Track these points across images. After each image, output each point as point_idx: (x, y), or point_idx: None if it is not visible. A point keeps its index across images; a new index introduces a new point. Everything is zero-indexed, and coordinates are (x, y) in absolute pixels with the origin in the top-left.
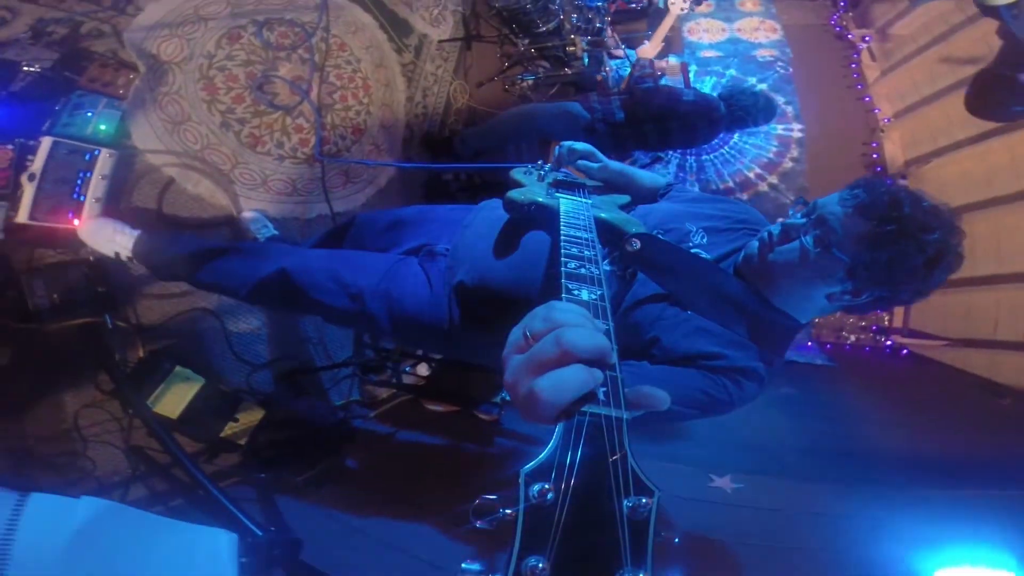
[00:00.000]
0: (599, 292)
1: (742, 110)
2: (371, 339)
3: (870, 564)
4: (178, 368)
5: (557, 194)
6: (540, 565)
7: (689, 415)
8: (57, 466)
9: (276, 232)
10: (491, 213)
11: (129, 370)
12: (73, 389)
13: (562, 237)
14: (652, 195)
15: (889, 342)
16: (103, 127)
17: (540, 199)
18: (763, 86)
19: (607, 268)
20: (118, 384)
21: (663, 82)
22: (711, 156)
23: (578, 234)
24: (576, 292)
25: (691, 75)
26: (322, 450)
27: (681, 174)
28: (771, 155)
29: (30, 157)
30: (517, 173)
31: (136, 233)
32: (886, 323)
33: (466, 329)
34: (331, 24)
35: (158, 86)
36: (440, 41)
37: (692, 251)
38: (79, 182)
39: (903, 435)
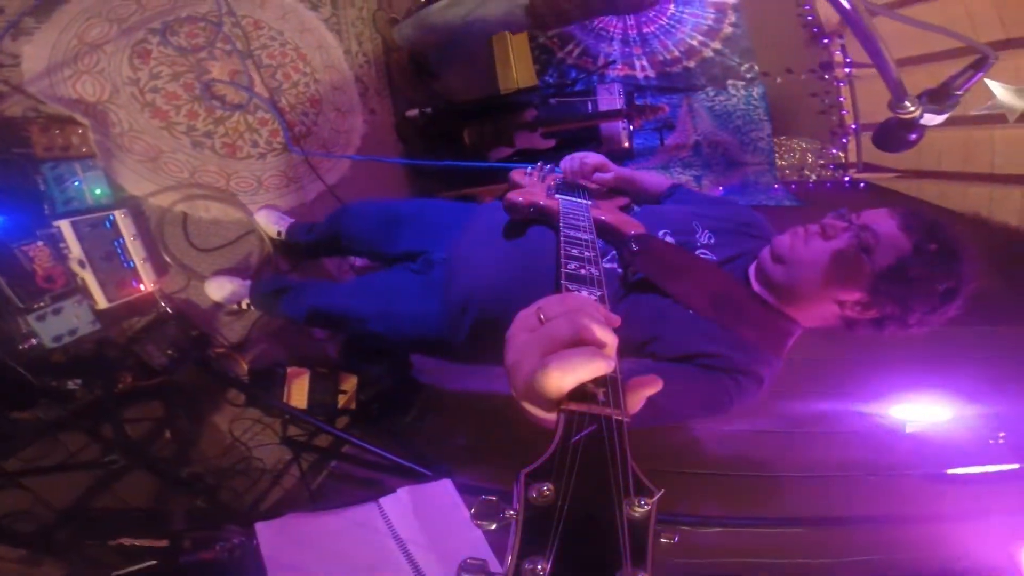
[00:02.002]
0: (599, 293)
1: None
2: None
3: (842, 404)
4: (288, 369)
5: (557, 195)
6: (540, 566)
7: (688, 414)
8: (241, 471)
9: (291, 219)
10: (490, 215)
11: (248, 382)
12: (216, 412)
13: (562, 238)
14: (655, 197)
15: (847, 177)
16: (98, 191)
17: (540, 201)
18: None
19: (607, 267)
20: (252, 398)
21: None
22: (652, 29)
23: (578, 235)
24: (577, 293)
25: None
26: (410, 392)
27: (627, 49)
28: (710, 22)
29: (61, 245)
30: (516, 174)
31: (248, 283)
32: (843, 159)
33: (468, 338)
34: (233, 6)
35: (109, 130)
36: None
37: (698, 252)
38: (120, 251)
39: None
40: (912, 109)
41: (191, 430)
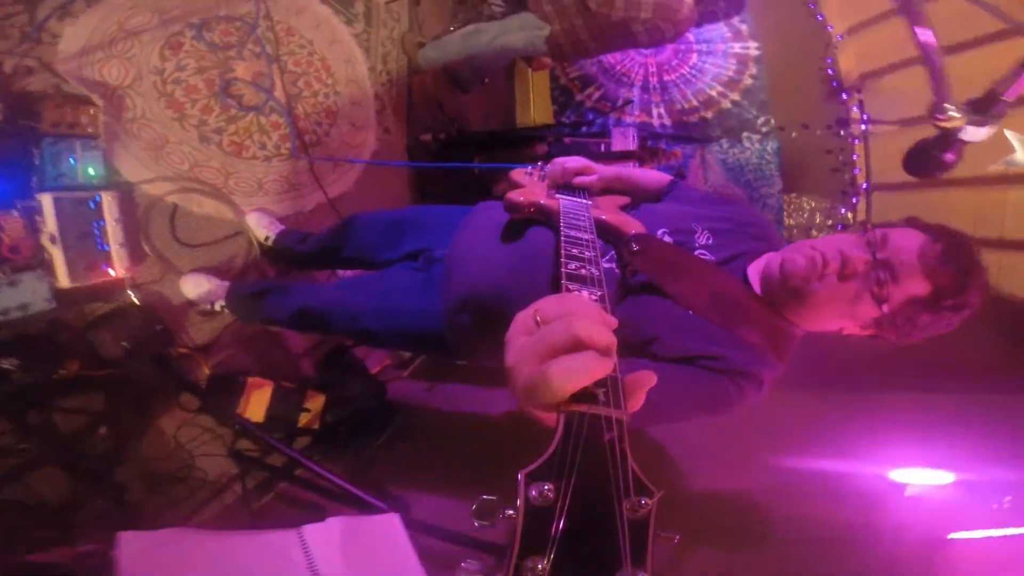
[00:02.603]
0: (599, 293)
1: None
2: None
3: (842, 465)
4: (250, 379)
5: (557, 195)
6: (540, 565)
7: (688, 415)
8: (180, 479)
9: (282, 226)
10: (491, 214)
11: (205, 387)
12: (165, 414)
13: (562, 238)
14: (655, 195)
15: None
16: (91, 171)
17: (540, 200)
18: None
19: (606, 267)
20: (206, 404)
21: None
22: (673, 77)
23: (578, 235)
24: (576, 293)
25: None
26: (382, 418)
27: (645, 96)
28: (731, 73)
29: (37, 218)
30: (516, 174)
31: (227, 285)
32: (851, 220)
33: (467, 334)
34: (271, 11)
35: (122, 114)
36: (387, 2)
37: (697, 252)
38: (97, 233)
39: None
40: (956, 116)
41: (132, 429)
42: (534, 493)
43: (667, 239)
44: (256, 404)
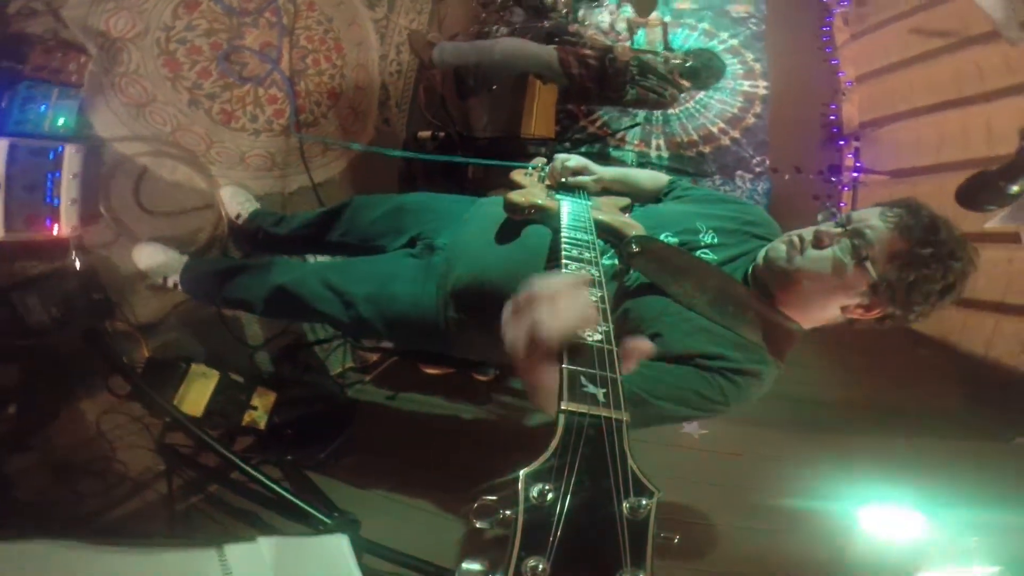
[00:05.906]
0: (599, 294)
1: (703, 83)
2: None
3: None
4: (194, 366)
5: (557, 196)
6: (540, 566)
7: (684, 415)
8: (95, 472)
9: (257, 205)
10: (492, 208)
11: (140, 371)
12: (88, 397)
13: (562, 239)
14: (655, 196)
15: None
16: (61, 120)
17: (539, 201)
18: (734, 42)
19: (606, 267)
20: (138, 390)
21: (639, 37)
22: (677, 111)
23: (578, 236)
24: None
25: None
26: (337, 424)
27: (647, 126)
28: (735, 111)
29: None
30: (517, 174)
31: (185, 259)
32: None
33: (462, 326)
34: None
35: (114, 67)
36: None
37: (700, 252)
38: (49, 185)
39: (839, 382)
40: None
41: (48, 410)
42: (534, 493)
43: (670, 240)
44: (196, 396)
